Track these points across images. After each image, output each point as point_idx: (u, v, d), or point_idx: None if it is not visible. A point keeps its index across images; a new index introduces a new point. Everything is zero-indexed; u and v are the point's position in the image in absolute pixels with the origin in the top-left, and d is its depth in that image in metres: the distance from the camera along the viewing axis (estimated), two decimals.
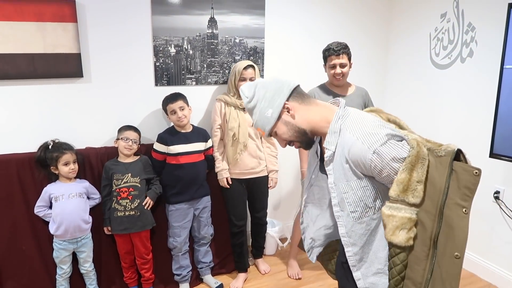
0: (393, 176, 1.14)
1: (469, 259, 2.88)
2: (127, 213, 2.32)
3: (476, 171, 1.10)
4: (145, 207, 2.38)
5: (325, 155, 1.27)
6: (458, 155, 1.16)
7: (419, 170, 1.12)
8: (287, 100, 1.27)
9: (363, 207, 1.22)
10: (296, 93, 1.29)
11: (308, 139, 1.31)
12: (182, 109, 2.42)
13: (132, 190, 2.33)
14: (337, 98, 1.33)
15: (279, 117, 1.27)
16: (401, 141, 1.17)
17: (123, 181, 2.32)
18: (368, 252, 1.26)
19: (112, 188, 2.34)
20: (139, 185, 2.36)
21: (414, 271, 1.15)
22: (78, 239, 2.27)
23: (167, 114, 2.47)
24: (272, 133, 1.32)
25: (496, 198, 2.63)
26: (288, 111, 1.27)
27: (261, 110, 1.28)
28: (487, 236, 2.75)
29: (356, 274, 1.29)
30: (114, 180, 2.33)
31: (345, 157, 1.20)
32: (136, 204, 2.33)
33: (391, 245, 1.16)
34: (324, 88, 2.54)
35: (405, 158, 1.13)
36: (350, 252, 1.28)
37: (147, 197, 2.39)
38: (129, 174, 2.34)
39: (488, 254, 2.76)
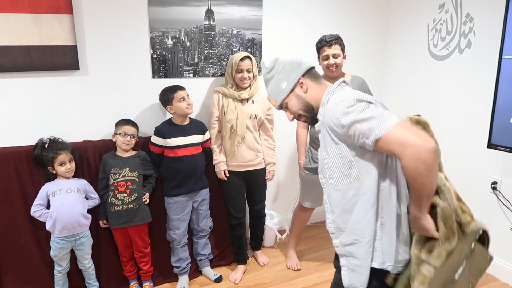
0: (360, 137, 1.17)
1: None
2: (124, 207, 2.31)
3: (491, 256, 1.22)
4: (145, 203, 2.38)
5: (315, 125, 1.38)
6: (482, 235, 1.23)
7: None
8: (302, 76, 1.37)
9: (339, 174, 1.28)
10: (311, 72, 1.40)
11: (314, 115, 1.39)
12: (189, 98, 2.43)
13: (130, 184, 2.32)
14: (345, 79, 1.37)
15: (293, 89, 1.38)
16: (370, 103, 1.20)
17: (120, 175, 2.31)
18: (346, 222, 1.31)
19: (109, 182, 2.33)
20: (137, 179, 2.35)
21: None
22: (76, 237, 2.24)
23: (169, 104, 2.42)
24: (283, 105, 1.42)
25: (494, 188, 2.64)
26: (301, 86, 1.37)
27: (277, 81, 1.39)
28: None
29: (334, 242, 1.37)
30: (112, 174, 2.31)
31: (324, 123, 1.29)
32: (134, 197, 2.32)
33: None
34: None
35: (368, 118, 1.16)
36: (329, 219, 1.37)
37: (146, 193, 2.39)
38: (127, 169, 2.33)
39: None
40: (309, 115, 1.40)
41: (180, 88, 2.42)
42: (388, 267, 1.27)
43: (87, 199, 2.32)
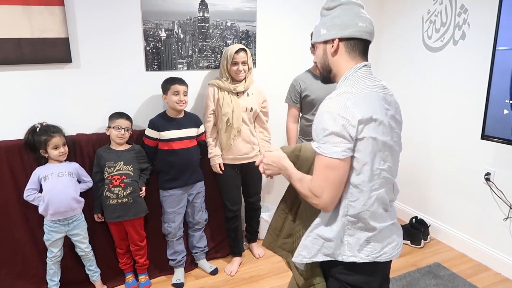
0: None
1: (460, 240, 2.93)
2: (119, 201, 2.30)
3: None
4: (141, 196, 2.38)
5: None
6: None
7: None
8: (340, 39, 1.27)
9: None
10: (352, 41, 1.27)
11: (327, 77, 1.35)
12: (185, 95, 2.40)
13: (125, 177, 2.31)
14: (367, 63, 1.31)
15: (324, 42, 1.30)
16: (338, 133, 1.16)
17: (115, 169, 2.30)
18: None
19: (104, 176, 2.32)
20: (132, 174, 2.34)
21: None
22: (69, 221, 2.24)
23: (164, 93, 2.42)
24: (314, 45, 1.38)
25: (487, 179, 2.66)
26: (332, 46, 1.28)
27: (323, 22, 1.30)
28: (478, 217, 2.79)
29: None
30: (106, 168, 2.30)
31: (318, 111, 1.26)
32: (129, 191, 2.31)
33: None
34: (310, 73, 2.54)
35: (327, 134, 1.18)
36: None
37: (143, 188, 2.39)
38: (122, 162, 2.32)
39: (479, 234, 2.80)
40: (324, 73, 1.35)
41: (179, 82, 2.40)
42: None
43: (79, 182, 2.31)
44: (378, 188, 1.23)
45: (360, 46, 1.28)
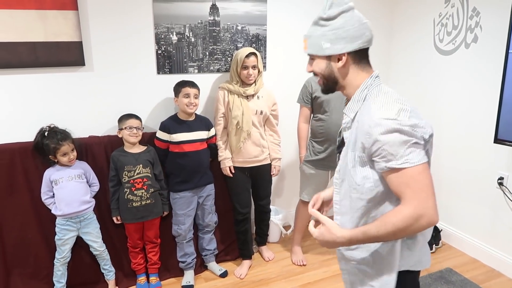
0: (380, 159, 1.08)
1: (472, 245, 2.89)
2: (143, 203, 2.35)
3: None
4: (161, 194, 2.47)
5: (343, 121, 1.25)
6: None
7: None
8: (349, 52, 1.17)
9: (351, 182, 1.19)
10: (361, 52, 1.20)
11: (332, 88, 1.27)
12: (196, 98, 2.42)
13: (146, 180, 2.36)
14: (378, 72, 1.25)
15: (329, 56, 1.20)
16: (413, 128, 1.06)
17: (135, 172, 2.34)
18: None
19: (122, 179, 2.34)
20: (150, 175, 2.39)
21: None
22: (81, 218, 2.27)
23: (176, 96, 2.44)
24: (310, 56, 1.26)
25: (500, 184, 2.63)
26: (339, 60, 1.19)
27: (323, 34, 1.18)
28: (490, 222, 2.75)
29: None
30: (126, 171, 2.33)
31: (359, 126, 1.15)
32: (151, 192, 2.37)
33: None
34: None
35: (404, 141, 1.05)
36: (337, 221, 1.27)
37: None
38: (141, 165, 2.36)
39: (492, 239, 2.76)
40: (328, 84, 1.26)
41: (190, 85, 2.41)
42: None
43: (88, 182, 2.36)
44: None
45: (366, 55, 1.23)
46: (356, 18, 1.18)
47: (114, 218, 2.41)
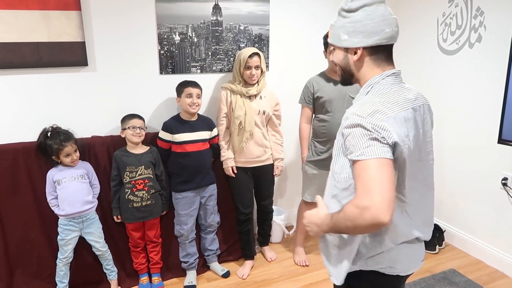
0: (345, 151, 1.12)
1: (476, 246, 2.88)
2: (144, 203, 2.36)
3: None
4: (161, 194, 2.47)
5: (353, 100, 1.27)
6: None
7: None
8: (365, 47, 1.17)
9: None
10: (377, 48, 1.18)
11: (349, 80, 1.28)
12: (198, 98, 2.42)
13: (147, 181, 2.36)
14: (397, 70, 1.23)
15: (346, 49, 1.21)
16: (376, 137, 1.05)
17: (137, 173, 2.34)
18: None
19: (124, 179, 2.35)
20: (152, 176, 2.39)
21: None
22: (83, 218, 2.28)
23: (178, 96, 2.44)
24: (330, 46, 1.29)
25: (504, 184, 2.61)
26: (355, 53, 1.19)
27: (343, 25, 1.19)
28: (494, 223, 2.74)
29: None
30: (127, 172, 2.33)
31: (348, 117, 1.16)
32: (152, 193, 2.38)
33: None
34: (324, 75, 2.53)
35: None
36: None
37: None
38: (143, 166, 2.36)
39: (495, 240, 2.75)
40: (345, 76, 1.28)
41: (193, 85, 2.41)
42: None
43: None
44: None
45: (385, 51, 1.20)
46: (379, 13, 1.15)
47: (115, 217, 2.41)
